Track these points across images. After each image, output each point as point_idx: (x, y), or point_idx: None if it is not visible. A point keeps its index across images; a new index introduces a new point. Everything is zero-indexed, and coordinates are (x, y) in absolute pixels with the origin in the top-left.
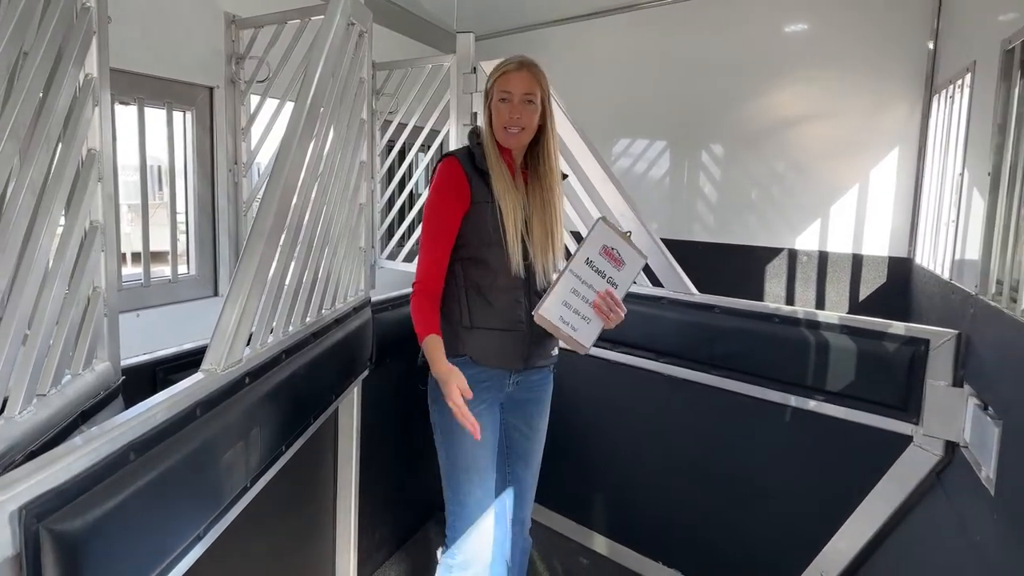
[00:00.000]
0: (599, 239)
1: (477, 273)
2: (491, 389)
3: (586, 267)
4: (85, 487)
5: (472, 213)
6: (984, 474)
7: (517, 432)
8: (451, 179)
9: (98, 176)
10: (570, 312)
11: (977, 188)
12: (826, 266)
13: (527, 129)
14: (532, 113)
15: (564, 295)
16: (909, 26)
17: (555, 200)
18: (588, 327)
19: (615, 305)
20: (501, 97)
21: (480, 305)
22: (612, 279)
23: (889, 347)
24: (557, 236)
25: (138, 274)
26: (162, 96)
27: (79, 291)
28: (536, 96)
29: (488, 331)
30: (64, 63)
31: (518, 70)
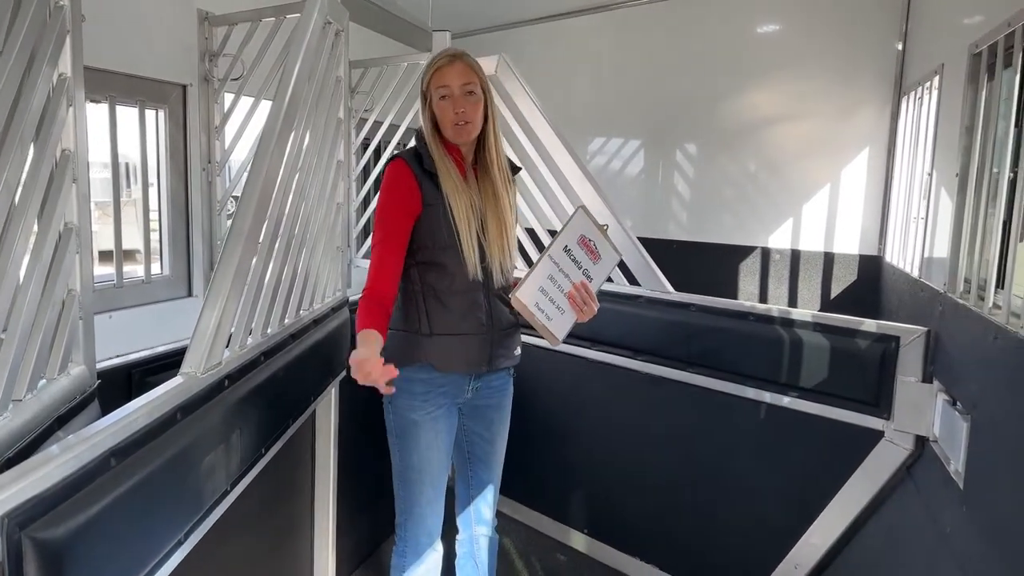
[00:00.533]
0: (578, 228)
1: (434, 277)
2: (448, 394)
3: (564, 255)
4: (67, 494)
5: (424, 216)
6: (953, 467)
7: (478, 437)
8: (400, 182)
9: (73, 177)
10: (546, 299)
11: (945, 188)
12: (798, 264)
13: (473, 123)
14: (476, 104)
15: (541, 281)
16: (878, 28)
17: (505, 193)
18: (562, 318)
19: (589, 298)
20: (441, 95)
21: (439, 310)
22: (588, 272)
23: (861, 344)
24: (510, 230)
25: (109, 274)
26: (134, 94)
27: (54, 294)
28: (476, 86)
29: (449, 336)
30: (38, 62)
31: (451, 63)
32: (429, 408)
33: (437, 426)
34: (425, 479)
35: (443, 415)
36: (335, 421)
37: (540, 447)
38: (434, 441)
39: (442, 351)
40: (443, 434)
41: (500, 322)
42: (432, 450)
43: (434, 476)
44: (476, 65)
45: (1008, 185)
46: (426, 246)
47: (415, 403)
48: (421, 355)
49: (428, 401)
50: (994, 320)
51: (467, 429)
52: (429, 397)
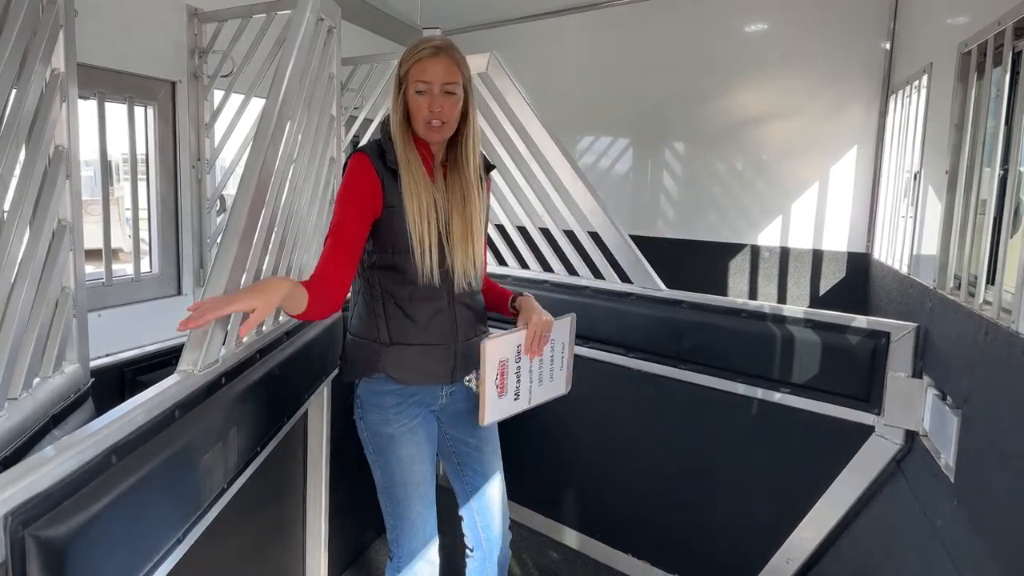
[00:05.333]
0: (488, 365)
1: (392, 283)
2: (422, 402)
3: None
4: (68, 492)
5: (384, 218)
6: (943, 461)
7: (464, 445)
8: (361, 179)
9: (66, 173)
10: (514, 395)
11: (933, 186)
12: (787, 261)
13: (449, 124)
14: (454, 105)
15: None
16: (866, 28)
17: (475, 194)
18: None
19: (535, 341)
20: (418, 89)
21: (399, 319)
22: (517, 354)
23: (852, 340)
24: (477, 233)
25: (98, 272)
26: (123, 90)
27: (48, 292)
28: (458, 85)
29: (408, 347)
30: (31, 58)
31: (435, 56)
32: (403, 420)
33: (416, 437)
34: (412, 493)
35: (420, 424)
36: (327, 420)
37: (531, 444)
38: (416, 453)
39: (402, 362)
40: (423, 444)
41: (464, 332)
42: (415, 463)
43: (421, 488)
44: (461, 61)
45: (999, 182)
46: (385, 250)
47: (388, 416)
48: (381, 366)
49: (401, 412)
50: (985, 316)
51: (450, 437)
52: (401, 408)
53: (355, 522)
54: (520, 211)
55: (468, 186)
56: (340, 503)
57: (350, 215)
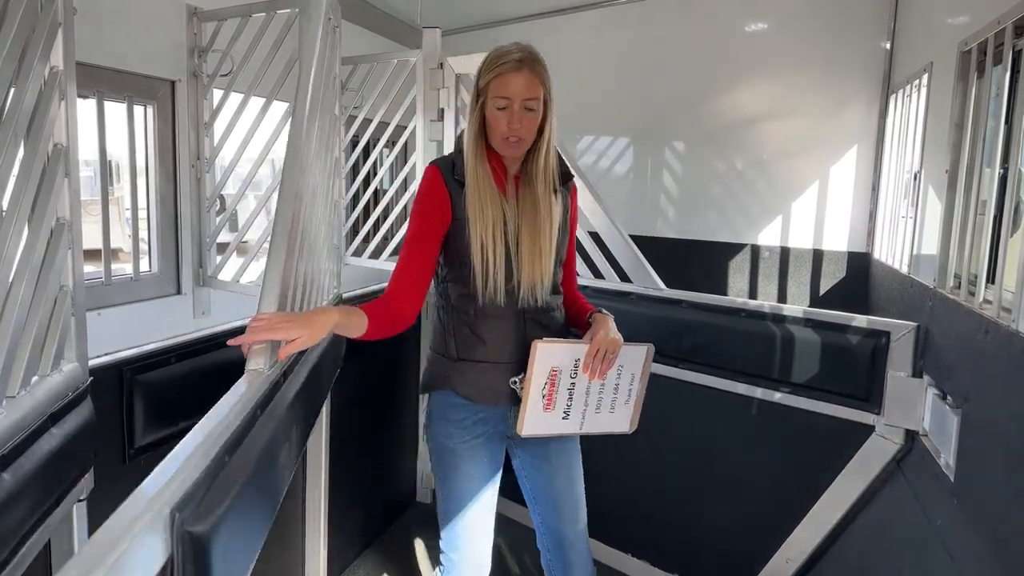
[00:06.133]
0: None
1: (460, 298)
2: (488, 421)
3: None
4: (205, 488)
5: (454, 231)
6: (943, 461)
7: (535, 472)
8: (431, 192)
9: (65, 172)
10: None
11: (933, 185)
12: (788, 261)
13: (526, 140)
14: (533, 121)
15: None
16: (866, 27)
17: (547, 206)
18: (627, 367)
19: (596, 360)
20: (499, 105)
21: (466, 334)
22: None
23: (852, 339)
24: (546, 248)
25: (97, 272)
26: (122, 90)
27: (47, 290)
28: (539, 100)
29: (474, 363)
30: (30, 56)
31: (517, 70)
32: (466, 436)
33: (477, 456)
34: (468, 514)
35: (483, 444)
36: (326, 419)
37: None
38: (475, 472)
39: (467, 379)
40: (484, 465)
41: None
42: (473, 480)
43: (478, 510)
44: (544, 74)
45: (999, 181)
46: (453, 263)
47: (451, 430)
48: (448, 381)
49: (465, 429)
50: (985, 315)
51: (521, 463)
52: (465, 425)
53: (355, 523)
54: None
55: (542, 199)
56: (340, 504)
57: (421, 228)
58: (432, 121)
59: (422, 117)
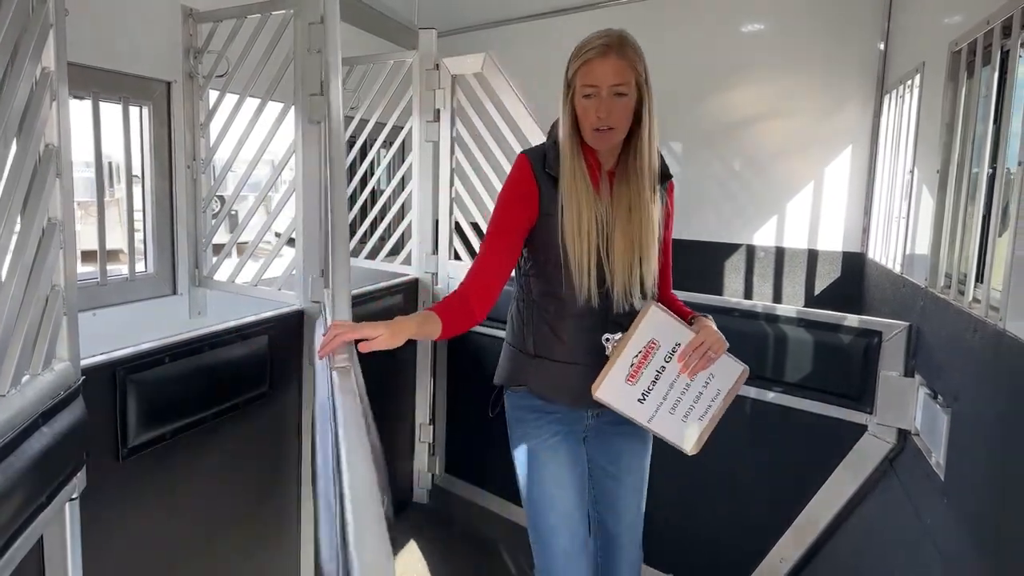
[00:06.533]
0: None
1: (543, 295)
2: (565, 420)
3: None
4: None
5: (540, 227)
6: (934, 460)
7: (601, 472)
8: (518, 183)
9: (56, 172)
10: (696, 407)
11: (926, 185)
12: (783, 261)
13: (618, 129)
14: (625, 108)
15: (674, 422)
16: (861, 27)
17: (643, 205)
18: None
19: (696, 353)
20: (585, 93)
21: (544, 332)
22: (668, 355)
23: (844, 339)
24: (645, 249)
25: (93, 272)
26: (117, 90)
27: (38, 290)
28: (630, 86)
29: (552, 362)
30: (20, 57)
31: (603, 56)
32: (544, 435)
33: (558, 456)
34: (557, 524)
35: (562, 442)
36: None
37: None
38: (559, 475)
39: (544, 377)
40: (567, 465)
41: None
42: (559, 486)
43: (567, 519)
44: (634, 57)
45: (988, 181)
46: (538, 259)
47: (528, 429)
48: (524, 378)
49: (542, 428)
50: (973, 314)
51: (590, 460)
52: (542, 423)
53: None
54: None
55: (638, 197)
56: None
57: (504, 220)
58: (428, 122)
59: (418, 118)
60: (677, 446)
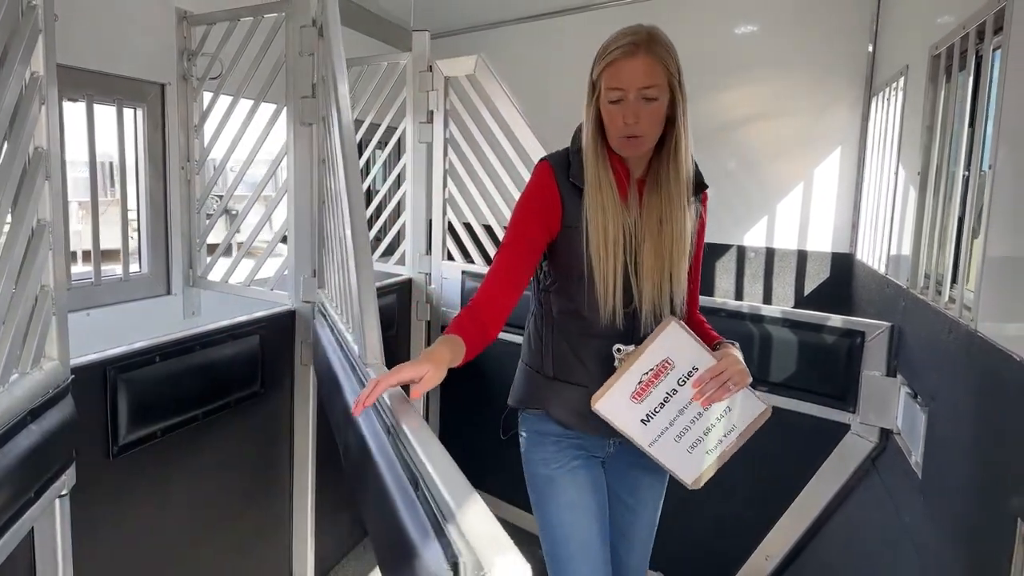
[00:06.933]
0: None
1: (563, 313)
2: (585, 446)
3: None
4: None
5: (562, 239)
6: (913, 459)
7: (618, 503)
8: (538, 192)
9: (46, 174)
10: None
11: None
12: (773, 262)
13: (647, 136)
14: (654, 114)
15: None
16: (850, 29)
17: (675, 218)
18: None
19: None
20: (612, 98)
21: (565, 354)
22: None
23: (828, 339)
24: (675, 265)
25: (87, 272)
26: (112, 93)
27: (27, 290)
28: (661, 88)
29: (572, 386)
30: (10, 61)
31: (631, 56)
32: (563, 460)
33: (578, 480)
34: (576, 553)
35: (582, 467)
36: (314, 412)
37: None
38: (579, 500)
39: (563, 402)
40: (588, 490)
41: None
42: (578, 512)
43: (587, 548)
44: (665, 55)
45: (963, 183)
46: (559, 275)
47: (546, 455)
48: (541, 401)
49: (562, 452)
50: (948, 314)
51: (608, 488)
52: (562, 447)
53: (343, 522)
54: (507, 214)
55: (670, 208)
56: (328, 502)
57: (522, 231)
58: (421, 123)
59: (411, 119)
60: (677, 477)
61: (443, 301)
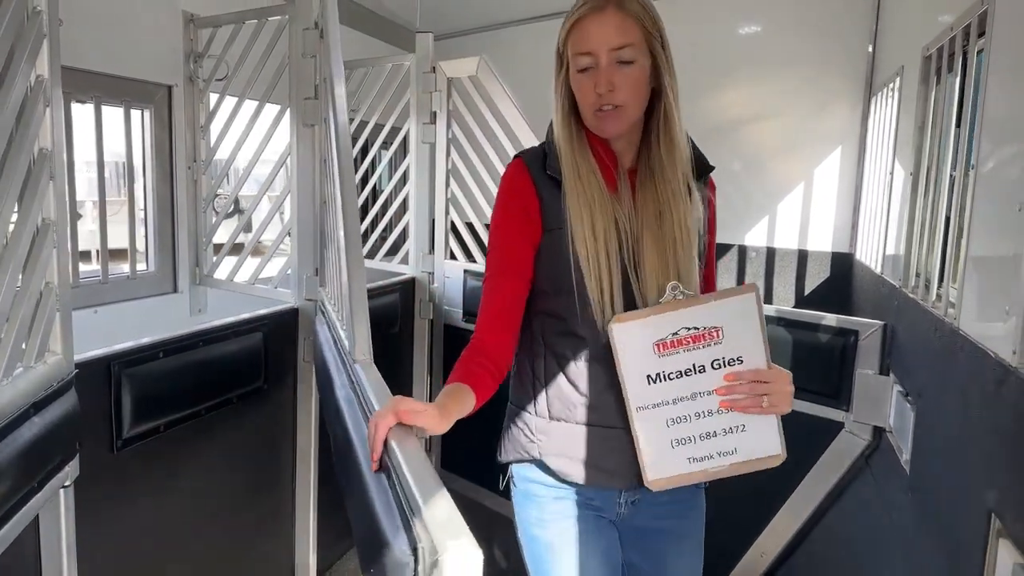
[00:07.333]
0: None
1: (555, 335)
2: (591, 502)
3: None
4: None
5: (545, 245)
6: (904, 457)
7: (635, 571)
8: (512, 194)
9: (50, 174)
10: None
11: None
12: (774, 261)
13: (627, 107)
14: (633, 79)
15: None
16: (850, 28)
17: (679, 207)
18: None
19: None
20: (580, 66)
21: (562, 387)
22: (718, 360)
23: (822, 338)
24: (683, 266)
25: (95, 270)
26: (120, 94)
27: (31, 286)
28: (638, 48)
29: (574, 426)
30: (15, 64)
31: (599, 11)
32: (567, 522)
33: (587, 546)
34: None
35: (590, 530)
36: (316, 406)
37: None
38: (584, 571)
39: (563, 448)
40: (595, 560)
41: None
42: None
43: None
44: (639, 10)
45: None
46: (545, 291)
47: (544, 514)
48: (535, 449)
49: (564, 510)
50: (935, 313)
51: (624, 561)
52: (563, 504)
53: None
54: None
55: (668, 195)
56: (330, 497)
57: (505, 247)
58: (424, 124)
59: (415, 120)
60: (640, 463)
61: (446, 300)
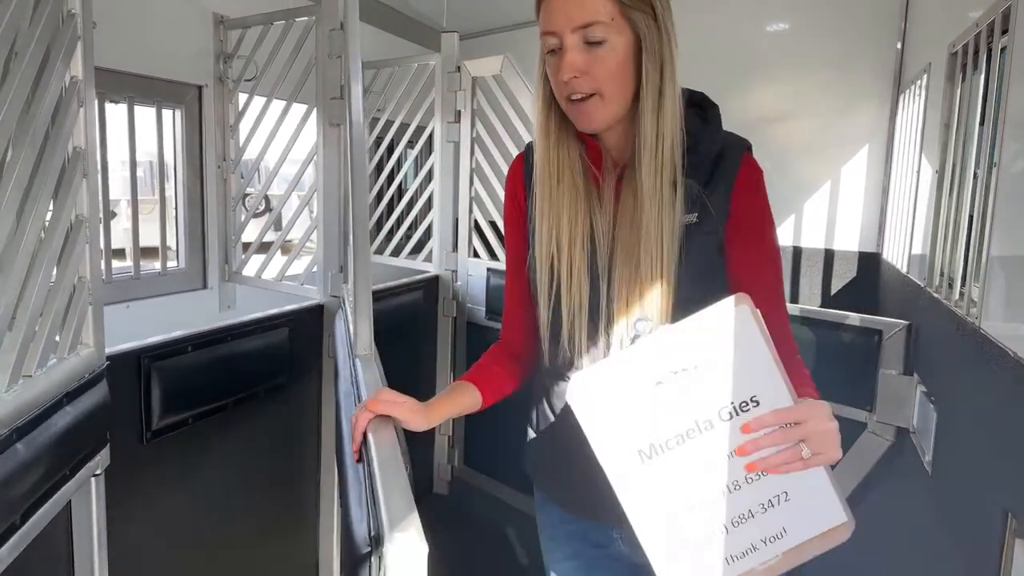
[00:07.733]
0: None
1: (546, 347)
2: (586, 539)
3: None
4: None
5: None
6: (926, 458)
7: None
8: (509, 188)
9: (83, 173)
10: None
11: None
12: (800, 261)
13: (605, 94)
14: (606, 62)
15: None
16: (879, 26)
17: (655, 207)
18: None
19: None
20: (549, 47)
21: (543, 403)
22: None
23: (845, 338)
24: (647, 281)
25: (128, 267)
26: (152, 95)
27: (64, 281)
28: (611, 26)
29: (554, 449)
30: (50, 66)
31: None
32: (560, 554)
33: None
34: None
35: (581, 567)
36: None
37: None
38: None
39: (548, 470)
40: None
41: None
42: None
43: None
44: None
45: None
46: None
47: (548, 544)
48: (527, 464)
49: (556, 539)
50: (957, 312)
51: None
52: (557, 534)
53: None
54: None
55: (641, 196)
56: None
57: (508, 244)
58: (449, 123)
59: (439, 119)
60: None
61: (468, 298)
